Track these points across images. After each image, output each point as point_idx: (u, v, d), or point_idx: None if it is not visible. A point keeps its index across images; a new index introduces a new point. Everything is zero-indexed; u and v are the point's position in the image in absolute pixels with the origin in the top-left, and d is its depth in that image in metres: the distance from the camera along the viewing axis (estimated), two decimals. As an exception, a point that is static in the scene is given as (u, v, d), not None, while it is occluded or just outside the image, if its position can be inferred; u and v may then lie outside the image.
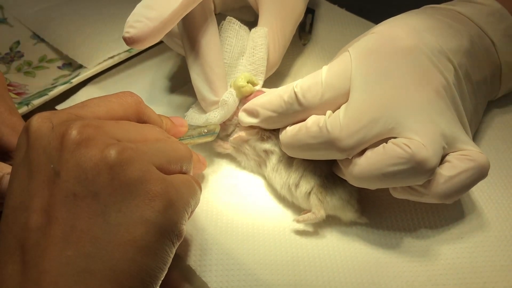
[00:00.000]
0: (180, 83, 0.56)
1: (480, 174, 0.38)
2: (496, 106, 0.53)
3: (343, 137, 0.37)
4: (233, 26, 0.47)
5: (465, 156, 0.38)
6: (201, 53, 0.44)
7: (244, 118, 0.44)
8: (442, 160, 0.38)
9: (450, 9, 0.47)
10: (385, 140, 0.37)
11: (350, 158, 0.38)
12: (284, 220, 0.44)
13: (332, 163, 0.42)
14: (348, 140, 0.37)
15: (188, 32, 0.44)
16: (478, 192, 0.45)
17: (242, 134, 0.45)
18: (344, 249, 0.41)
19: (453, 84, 0.40)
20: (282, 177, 0.43)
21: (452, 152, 0.38)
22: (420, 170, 0.36)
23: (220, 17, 0.48)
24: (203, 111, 0.46)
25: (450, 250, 0.41)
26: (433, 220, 0.43)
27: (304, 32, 0.61)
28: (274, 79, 0.52)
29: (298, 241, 0.42)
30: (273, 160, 0.44)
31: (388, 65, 0.39)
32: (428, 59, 0.40)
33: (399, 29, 0.41)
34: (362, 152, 0.38)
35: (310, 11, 0.63)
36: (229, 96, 0.44)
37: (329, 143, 0.38)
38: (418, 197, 0.39)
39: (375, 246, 0.42)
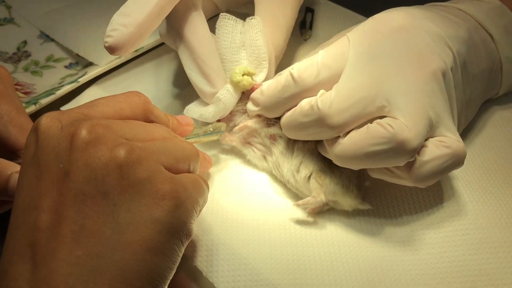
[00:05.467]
0: (184, 83, 0.56)
1: (454, 162, 0.38)
2: (496, 103, 0.53)
3: (332, 114, 0.38)
4: (228, 21, 0.47)
5: (441, 143, 0.38)
6: (191, 49, 0.44)
7: (250, 106, 0.45)
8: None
9: (450, 6, 0.48)
10: (375, 120, 0.38)
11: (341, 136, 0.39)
12: (289, 218, 0.44)
13: None
14: (337, 117, 0.37)
15: (175, 30, 0.45)
16: (481, 189, 0.45)
17: (247, 123, 0.45)
18: (350, 247, 0.41)
19: (451, 70, 0.40)
20: (288, 161, 0.44)
21: (433, 137, 0.38)
22: (401, 151, 0.36)
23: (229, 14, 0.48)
24: (205, 104, 0.46)
25: (455, 247, 0.41)
26: (439, 216, 0.43)
27: (305, 29, 0.63)
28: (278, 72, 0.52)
29: (304, 240, 0.42)
30: (282, 143, 0.44)
31: (383, 44, 0.39)
32: (426, 41, 0.40)
33: (396, 13, 0.41)
34: (348, 132, 0.38)
35: (310, 10, 0.65)
36: (225, 94, 0.44)
37: (320, 120, 0.38)
38: (393, 178, 0.40)
39: (381, 243, 0.42)
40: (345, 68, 0.39)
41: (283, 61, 0.49)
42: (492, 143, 0.49)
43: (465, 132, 0.49)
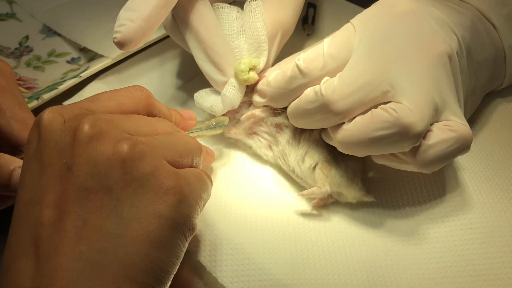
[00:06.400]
0: (187, 78, 0.56)
1: (460, 145, 0.37)
2: (500, 96, 0.53)
3: (335, 100, 0.37)
4: (222, 10, 0.46)
5: (447, 127, 0.37)
6: (199, 38, 0.44)
7: (256, 98, 0.45)
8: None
9: None
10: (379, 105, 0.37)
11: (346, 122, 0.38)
12: (293, 212, 0.44)
13: None
14: (340, 103, 0.37)
15: (182, 21, 0.45)
16: (486, 182, 0.45)
17: (254, 112, 0.46)
18: (354, 240, 0.41)
19: (456, 53, 0.40)
20: (295, 151, 0.44)
21: (438, 121, 0.38)
22: (405, 135, 0.36)
23: (237, 4, 0.48)
24: (217, 92, 0.46)
25: (460, 240, 0.41)
26: (444, 209, 0.43)
27: (307, 24, 0.63)
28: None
29: (308, 234, 0.42)
30: (288, 133, 0.45)
31: (387, 29, 0.39)
32: (431, 25, 0.39)
33: None
34: (353, 119, 0.38)
35: (312, 6, 0.65)
36: (230, 89, 0.44)
37: (324, 106, 0.38)
38: (398, 163, 0.39)
39: (385, 235, 0.42)
40: (351, 56, 0.39)
41: (285, 56, 0.49)
42: (497, 135, 0.49)
43: (470, 124, 0.49)
